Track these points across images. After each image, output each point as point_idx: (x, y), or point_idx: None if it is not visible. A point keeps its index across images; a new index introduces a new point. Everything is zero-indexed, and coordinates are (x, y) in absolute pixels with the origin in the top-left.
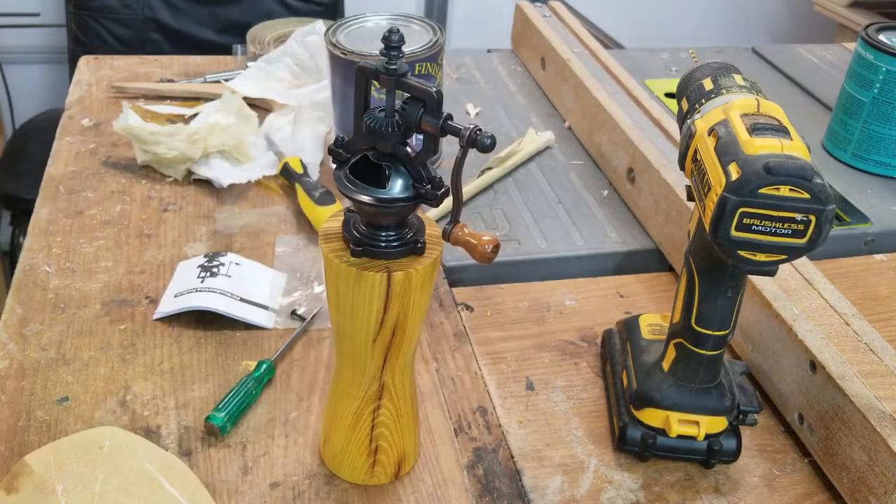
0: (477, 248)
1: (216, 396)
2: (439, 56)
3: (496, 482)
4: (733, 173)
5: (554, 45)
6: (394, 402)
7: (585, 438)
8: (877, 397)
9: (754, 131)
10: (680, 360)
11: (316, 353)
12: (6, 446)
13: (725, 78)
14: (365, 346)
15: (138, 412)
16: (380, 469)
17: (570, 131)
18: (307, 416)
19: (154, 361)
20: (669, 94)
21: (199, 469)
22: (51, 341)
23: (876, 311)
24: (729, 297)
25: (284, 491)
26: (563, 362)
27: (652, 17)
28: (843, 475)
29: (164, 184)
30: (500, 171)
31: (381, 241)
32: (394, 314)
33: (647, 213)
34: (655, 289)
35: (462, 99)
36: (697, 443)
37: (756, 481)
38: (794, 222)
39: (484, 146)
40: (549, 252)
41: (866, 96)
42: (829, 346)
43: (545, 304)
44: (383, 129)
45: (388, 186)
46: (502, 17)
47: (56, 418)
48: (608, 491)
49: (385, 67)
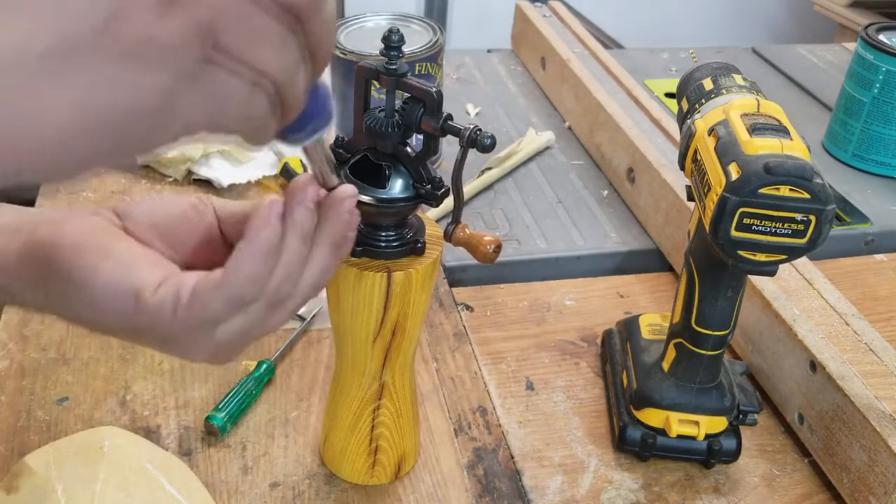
0: (479, 248)
1: (216, 396)
2: (439, 56)
3: (496, 482)
4: (733, 173)
5: (554, 45)
6: (394, 401)
7: (585, 438)
8: (877, 397)
9: (754, 131)
10: (680, 360)
11: (316, 353)
12: (6, 446)
13: (725, 78)
14: (365, 346)
15: (138, 412)
16: (380, 469)
17: (570, 131)
18: (307, 416)
19: (154, 361)
20: (669, 94)
21: (199, 469)
22: (51, 341)
23: (876, 311)
24: (729, 298)
25: (284, 491)
26: (563, 362)
27: (652, 17)
28: (843, 475)
29: (164, 184)
30: (500, 171)
31: (381, 241)
32: (394, 314)
33: (647, 213)
34: (655, 289)
35: (462, 99)
36: (697, 443)
37: (756, 481)
38: (794, 222)
39: (484, 146)
40: (549, 252)
41: (866, 96)
42: (829, 346)
43: (545, 304)
44: (383, 129)
45: (388, 186)
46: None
47: (56, 418)
48: (608, 491)
49: (385, 67)
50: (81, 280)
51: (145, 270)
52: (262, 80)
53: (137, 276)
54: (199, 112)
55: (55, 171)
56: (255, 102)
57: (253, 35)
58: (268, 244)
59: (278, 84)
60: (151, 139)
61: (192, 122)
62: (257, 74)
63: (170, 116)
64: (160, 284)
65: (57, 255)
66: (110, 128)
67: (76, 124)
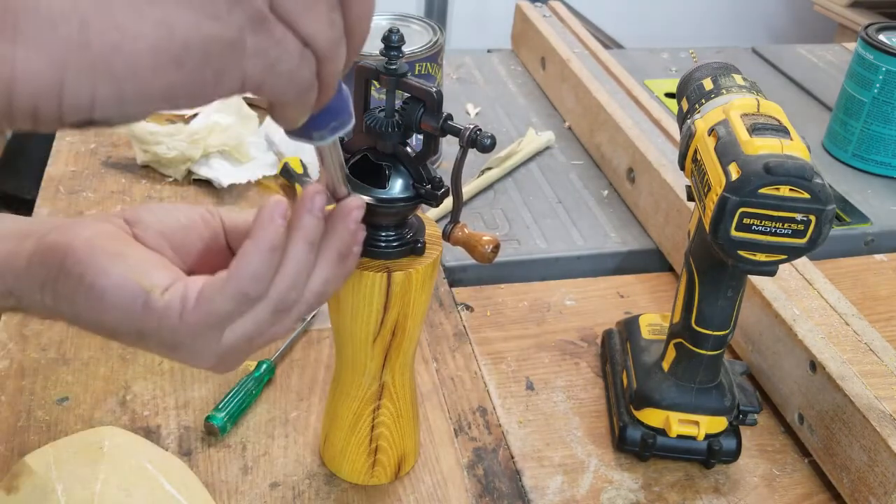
0: (477, 248)
1: (216, 396)
2: (439, 56)
3: (496, 482)
4: (733, 173)
5: (554, 45)
6: (394, 402)
7: (585, 438)
8: (877, 397)
9: (754, 131)
10: (680, 360)
11: (316, 353)
12: (6, 446)
13: (725, 78)
14: (365, 346)
15: (138, 412)
16: (380, 469)
17: (570, 131)
18: (307, 416)
19: (154, 361)
20: (669, 94)
21: (199, 469)
22: (51, 341)
23: (876, 311)
24: (729, 298)
25: (284, 491)
26: (563, 362)
27: (652, 17)
28: (843, 475)
29: (164, 184)
30: (500, 171)
31: (380, 241)
32: (394, 314)
33: (647, 213)
34: (655, 289)
35: (462, 99)
36: (697, 443)
37: (756, 481)
38: (794, 222)
39: (484, 146)
40: (549, 252)
41: (866, 96)
42: (829, 346)
43: (545, 304)
44: (383, 130)
45: (387, 186)
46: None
47: (56, 418)
48: (608, 491)
49: (385, 67)
50: (92, 280)
51: (155, 274)
52: (307, 49)
53: (147, 279)
54: (256, 63)
55: (139, 100)
56: (303, 67)
57: (305, 2)
58: (272, 241)
59: (321, 55)
60: (217, 83)
61: (250, 75)
62: (304, 41)
63: (237, 59)
64: (168, 287)
65: (70, 257)
66: (187, 57)
67: (164, 47)
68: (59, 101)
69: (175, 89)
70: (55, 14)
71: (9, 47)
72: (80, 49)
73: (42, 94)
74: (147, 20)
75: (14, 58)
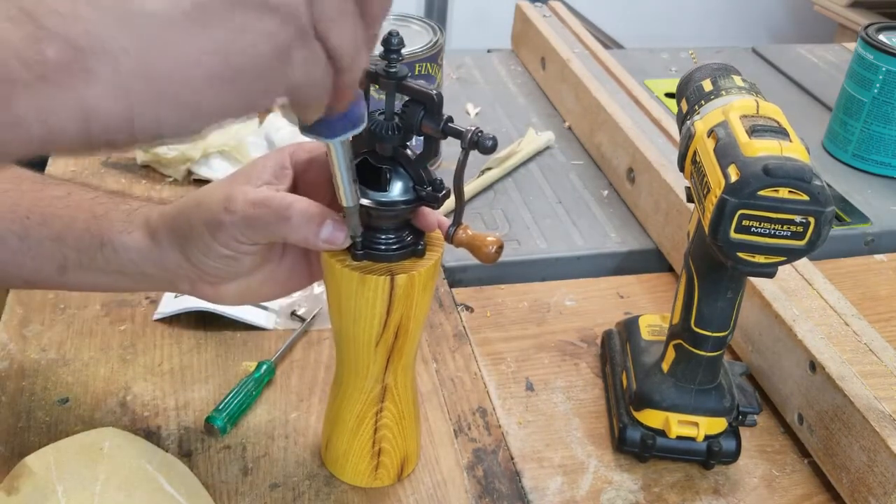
0: (481, 249)
1: (216, 397)
2: (439, 56)
3: (496, 483)
4: (732, 175)
5: (554, 45)
6: (396, 404)
7: (585, 439)
8: (877, 397)
9: (753, 133)
10: (679, 361)
11: (316, 354)
12: (6, 447)
13: (725, 79)
14: (367, 349)
15: (138, 413)
16: (383, 471)
17: (570, 131)
18: (307, 416)
19: (154, 362)
20: (669, 94)
21: (199, 470)
22: (51, 342)
23: (876, 311)
24: (728, 299)
25: (284, 492)
26: (562, 363)
27: (652, 17)
28: (842, 475)
29: (164, 184)
30: (500, 171)
31: (381, 244)
32: (397, 317)
33: (647, 213)
34: (655, 289)
35: (462, 99)
36: (697, 444)
37: (756, 482)
38: (794, 224)
39: (486, 148)
40: (549, 252)
41: (866, 96)
42: (828, 346)
43: (545, 304)
44: (383, 133)
45: (388, 189)
46: (502, 17)
47: (56, 419)
48: (608, 492)
49: (385, 70)
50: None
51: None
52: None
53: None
54: (299, 75)
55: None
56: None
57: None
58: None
59: (344, 66)
60: (266, 95)
61: (292, 85)
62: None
63: (284, 72)
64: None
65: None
66: (241, 76)
67: (218, 72)
68: (131, 130)
69: (231, 106)
70: (117, 51)
71: (82, 89)
72: (145, 82)
73: (115, 127)
74: (203, 49)
75: (87, 97)
